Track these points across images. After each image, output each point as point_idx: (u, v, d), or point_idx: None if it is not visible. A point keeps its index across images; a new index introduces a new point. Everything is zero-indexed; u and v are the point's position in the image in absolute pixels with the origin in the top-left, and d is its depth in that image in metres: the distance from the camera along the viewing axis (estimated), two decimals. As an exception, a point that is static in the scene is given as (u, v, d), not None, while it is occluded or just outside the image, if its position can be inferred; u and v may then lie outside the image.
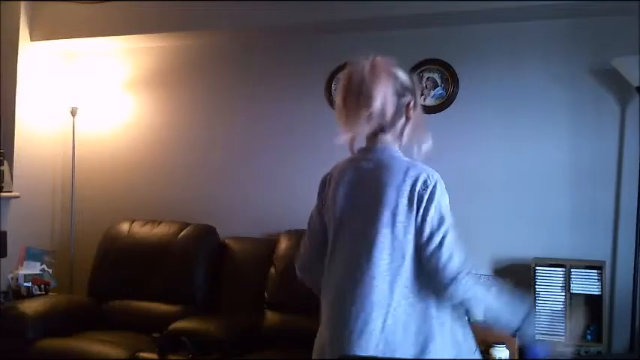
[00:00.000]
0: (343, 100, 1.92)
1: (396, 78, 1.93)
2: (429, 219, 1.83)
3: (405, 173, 1.87)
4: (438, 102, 3.73)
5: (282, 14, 3.79)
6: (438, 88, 3.74)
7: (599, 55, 3.41)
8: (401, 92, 1.94)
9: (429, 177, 1.86)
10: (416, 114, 1.98)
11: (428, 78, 3.76)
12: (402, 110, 1.95)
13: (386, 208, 1.86)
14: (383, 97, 1.87)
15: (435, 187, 1.85)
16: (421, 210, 1.84)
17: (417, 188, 1.85)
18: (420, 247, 1.84)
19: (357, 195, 1.94)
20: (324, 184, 2.07)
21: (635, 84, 3.20)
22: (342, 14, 3.64)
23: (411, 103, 1.97)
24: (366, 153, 1.98)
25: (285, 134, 4.09)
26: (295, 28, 3.94)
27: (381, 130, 1.95)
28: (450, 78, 3.72)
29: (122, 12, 4.13)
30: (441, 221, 1.84)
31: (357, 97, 1.88)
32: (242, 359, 3.26)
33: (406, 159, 1.94)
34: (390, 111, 1.90)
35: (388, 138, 1.96)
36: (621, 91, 3.39)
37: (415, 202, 1.84)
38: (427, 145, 1.97)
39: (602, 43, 3.43)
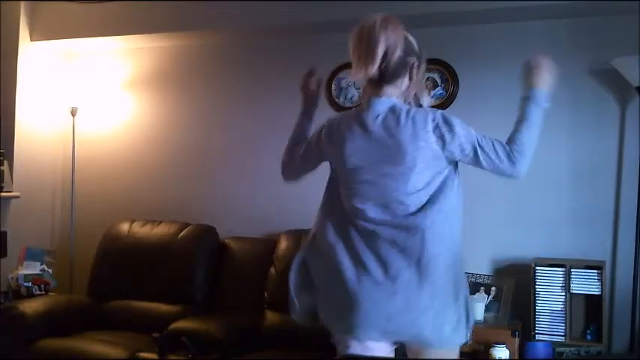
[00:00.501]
0: (355, 45, 2.03)
1: (404, 36, 2.06)
2: (462, 143, 2.02)
3: (413, 120, 2.00)
4: (438, 102, 3.73)
5: (282, 14, 3.79)
6: (438, 88, 3.74)
7: (599, 55, 3.41)
8: (408, 51, 2.06)
9: (435, 115, 2.02)
10: (418, 77, 2.11)
11: (428, 78, 3.75)
12: (406, 67, 2.07)
13: (405, 156, 1.99)
14: (389, 42, 2.00)
15: (444, 119, 2.02)
16: (448, 142, 2.01)
17: (430, 128, 1.99)
18: (471, 163, 2.06)
19: (370, 148, 2.04)
20: (330, 131, 2.16)
21: (635, 84, 3.20)
22: (342, 14, 3.64)
23: (415, 65, 2.08)
24: (370, 105, 2.07)
25: (285, 134, 4.03)
26: (295, 28, 3.94)
27: (384, 81, 2.05)
28: (450, 78, 3.72)
29: (122, 12, 4.13)
30: (468, 135, 2.03)
31: (368, 41, 1.99)
32: (242, 359, 3.26)
33: (407, 106, 2.06)
34: (394, 57, 2.02)
35: (391, 90, 2.06)
36: (621, 91, 3.39)
37: (434, 141, 2.00)
38: (427, 101, 2.17)
39: (602, 43, 3.43)
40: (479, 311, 3.33)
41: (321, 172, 2.26)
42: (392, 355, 2.10)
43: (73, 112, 4.39)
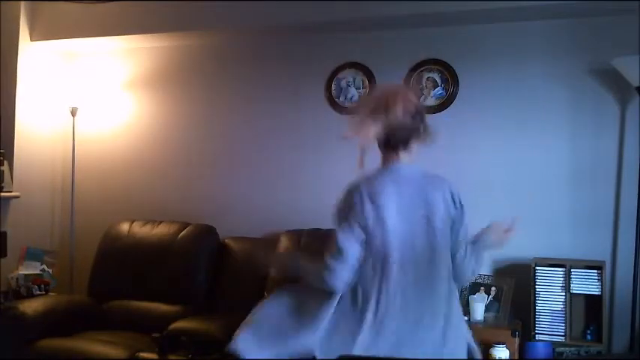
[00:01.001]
0: (358, 104, 2.15)
1: (417, 106, 2.23)
2: (464, 232, 2.26)
3: (440, 185, 2.23)
4: (438, 102, 3.73)
5: (282, 14, 3.79)
6: (438, 88, 3.74)
7: (599, 55, 3.41)
8: (420, 118, 2.23)
9: (453, 190, 2.25)
10: (426, 139, 2.29)
11: (428, 78, 3.75)
12: (415, 135, 2.23)
13: (436, 218, 2.19)
14: (404, 111, 2.16)
15: (460, 199, 2.25)
16: (458, 224, 2.24)
17: (450, 205, 2.22)
18: (454, 250, 2.26)
19: (406, 209, 2.18)
20: (361, 199, 2.19)
21: (635, 84, 3.20)
22: (342, 14, 3.64)
23: (421, 129, 2.25)
24: (396, 171, 2.22)
25: (285, 134, 4.08)
26: (295, 28, 3.94)
27: (400, 148, 2.21)
28: (450, 78, 3.72)
29: (122, 12, 4.13)
30: (465, 216, 2.27)
31: (377, 103, 2.17)
32: (242, 359, 3.25)
33: (426, 172, 2.26)
34: (404, 127, 2.18)
35: (406, 155, 2.24)
36: (621, 91, 3.39)
37: (452, 215, 2.23)
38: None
39: (602, 43, 3.43)
40: (479, 311, 3.33)
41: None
42: None
43: (73, 112, 4.39)
